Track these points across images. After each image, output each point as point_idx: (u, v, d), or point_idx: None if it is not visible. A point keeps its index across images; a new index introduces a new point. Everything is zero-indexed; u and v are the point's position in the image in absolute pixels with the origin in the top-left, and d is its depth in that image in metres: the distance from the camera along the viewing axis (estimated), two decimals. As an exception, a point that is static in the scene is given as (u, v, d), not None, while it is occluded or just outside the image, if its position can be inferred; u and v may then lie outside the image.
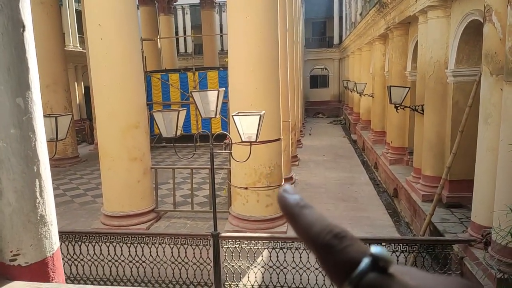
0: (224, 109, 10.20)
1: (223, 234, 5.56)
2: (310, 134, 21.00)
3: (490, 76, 5.00)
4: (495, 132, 4.82)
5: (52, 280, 0.99)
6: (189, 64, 22.84)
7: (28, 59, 0.96)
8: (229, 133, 6.54)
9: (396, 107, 8.82)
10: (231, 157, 7.08)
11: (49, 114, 5.60)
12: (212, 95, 5.06)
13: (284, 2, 10.28)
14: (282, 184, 7.82)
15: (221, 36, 26.21)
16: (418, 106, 8.50)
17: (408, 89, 8.85)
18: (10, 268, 0.94)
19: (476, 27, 6.48)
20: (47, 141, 1.09)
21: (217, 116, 5.29)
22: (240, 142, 5.30)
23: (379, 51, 14.27)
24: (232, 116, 4.96)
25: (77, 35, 22.18)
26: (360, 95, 16.37)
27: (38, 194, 0.99)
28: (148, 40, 17.54)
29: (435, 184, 7.40)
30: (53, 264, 1.02)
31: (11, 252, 0.94)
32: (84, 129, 19.70)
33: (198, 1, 22.37)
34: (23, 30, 0.94)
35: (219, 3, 25.99)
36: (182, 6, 28.86)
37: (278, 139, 7.62)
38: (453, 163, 6.77)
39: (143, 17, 19.29)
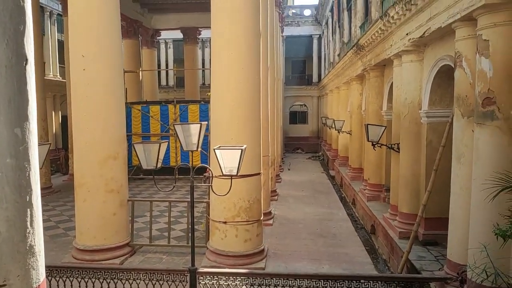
0: (205, 142, 10.22)
1: (201, 270, 5.43)
2: (289, 169, 21.12)
3: (462, 118, 5.26)
4: (468, 171, 5.01)
5: (37, 312, 0.97)
6: (170, 97, 22.98)
7: (28, 91, 0.99)
8: (210, 166, 6.53)
9: (373, 145, 9.06)
10: (210, 191, 7.04)
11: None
12: (194, 128, 5.10)
13: (266, 40, 10.64)
14: (261, 218, 7.77)
15: (203, 70, 26.65)
16: (394, 145, 8.77)
17: (384, 127, 9.15)
18: (-5, 300, 0.92)
19: (447, 71, 6.86)
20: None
21: (199, 149, 5.31)
22: (220, 176, 5.29)
23: (356, 90, 14.78)
24: (214, 149, 4.99)
25: (57, 64, 22.09)
26: (338, 132, 16.74)
27: (28, 224, 0.98)
28: (130, 72, 17.64)
29: (412, 221, 7.52)
30: (39, 295, 1.00)
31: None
32: (59, 158, 19.25)
33: (182, 37, 22.82)
34: (26, 64, 0.97)
35: (202, 39, 26.59)
36: (165, 41, 29.37)
37: (258, 174, 7.64)
38: (429, 201, 6.93)
39: (126, 50, 19.50)
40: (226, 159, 5.03)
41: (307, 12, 30.45)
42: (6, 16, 0.91)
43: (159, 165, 5.32)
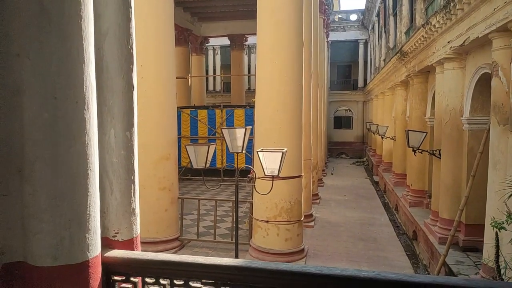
0: (249, 146, 10.72)
1: (243, 262, 5.89)
2: (332, 174, 21.20)
3: (498, 126, 5.37)
4: (503, 177, 5.11)
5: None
6: (217, 101, 23.86)
7: (134, 108, 1.50)
8: (253, 168, 7.02)
9: (414, 151, 9.15)
10: (253, 191, 7.52)
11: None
12: (239, 132, 5.61)
13: (309, 47, 10.99)
14: (302, 219, 8.14)
15: (249, 76, 27.37)
16: (436, 151, 8.80)
17: (425, 134, 9.20)
18: (112, 242, 1.44)
19: (488, 79, 6.89)
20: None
21: (243, 151, 5.80)
22: (263, 177, 5.76)
23: (400, 96, 14.72)
24: (257, 152, 5.46)
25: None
26: (382, 137, 16.68)
27: (132, 194, 1.50)
28: (181, 78, 18.61)
29: (452, 227, 7.58)
30: (136, 242, 1.51)
31: (114, 231, 1.44)
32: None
33: (229, 43, 23.63)
34: (133, 90, 1.49)
35: (248, 45, 27.28)
36: (213, 47, 30.43)
37: (299, 176, 8.00)
38: (469, 207, 6.98)
39: (177, 57, 20.26)
40: (268, 161, 5.49)
41: (353, 17, 30.33)
42: (122, 60, 1.43)
43: (208, 165, 5.87)
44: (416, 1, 10.98)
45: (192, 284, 1.31)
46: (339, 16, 30.70)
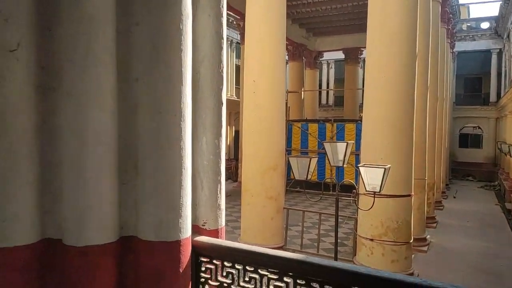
0: (358, 161, 10.54)
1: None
2: (454, 197, 19.33)
3: None
4: None
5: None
6: (329, 115, 23.84)
7: (222, 121, 1.81)
8: (358, 184, 6.95)
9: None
10: (358, 207, 7.42)
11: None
12: (341, 146, 5.68)
13: (425, 58, 10.39)
14: (411, 242, 7.70)
15: (362, 90, 26.68)
16: None
17: None
18: (201, 229, 1.75)
19: None
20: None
21: (345, 165, 5.84)
22: (365, 193, 5.71)
23: (540, 112, 12.86)
24: (358, 167, 5.46)
25: (234, 86, 25.46)
26: (515, 158, 14.71)
27: (219, 192, 1.80)
28: (293, 92, 19.19)
29: None
30: (221, 232, 1.80)
31: (203, 221, 1.75)
32: (230, 167, 22.07)
33: (343, 57, 23.50)
34: (222, 106, 1.80)
35: (363, 59, 26.62)
36: (327, 61, 30.49)
37: (408, 195, 7.62)
38: None
39: (291, 71, 21.25)
40: (369, 177, 5.45)
41: (484, 25, 27.32)
42: (214, 82, 1.76)
43: (309, 177, 6.04)
44: (559, 4, 9.58)
45: (260, 271, 1.54)
46: (468, 24, 27.98)
